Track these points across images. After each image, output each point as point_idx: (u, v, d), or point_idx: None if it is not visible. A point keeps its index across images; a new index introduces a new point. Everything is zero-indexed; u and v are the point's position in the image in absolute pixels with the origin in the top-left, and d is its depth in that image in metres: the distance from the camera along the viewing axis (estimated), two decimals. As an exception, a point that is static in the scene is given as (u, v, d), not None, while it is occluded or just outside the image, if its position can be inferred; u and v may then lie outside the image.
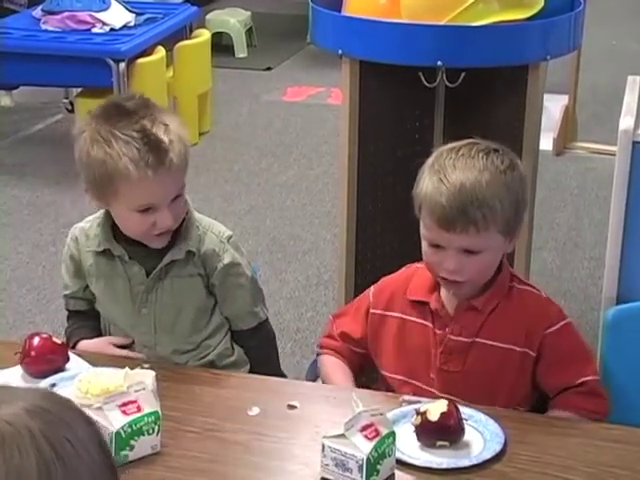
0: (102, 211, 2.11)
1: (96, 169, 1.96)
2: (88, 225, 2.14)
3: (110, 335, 2.18)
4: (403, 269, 2.08)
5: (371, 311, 2.05)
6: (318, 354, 2.15)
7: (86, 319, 2.21)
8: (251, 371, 2.19)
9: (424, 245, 1.93)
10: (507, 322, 1.93)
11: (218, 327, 2.16)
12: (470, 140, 1.95)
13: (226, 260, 2.10)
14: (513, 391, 1.93)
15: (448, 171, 1.87)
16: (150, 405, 1.71)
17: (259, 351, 2.23)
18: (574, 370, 1.93)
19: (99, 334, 2.19)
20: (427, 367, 1.96)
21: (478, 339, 1.93)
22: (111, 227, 2.09)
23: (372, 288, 2.09)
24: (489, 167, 1.87)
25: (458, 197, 1.83)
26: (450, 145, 1.94)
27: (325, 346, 2.13)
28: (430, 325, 1.96)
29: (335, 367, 2.08)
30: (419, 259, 1.96)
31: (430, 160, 1.93)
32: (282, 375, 2.23)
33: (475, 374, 1.94)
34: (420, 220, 1.92)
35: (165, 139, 1.94)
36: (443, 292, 1.97)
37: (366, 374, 2.14)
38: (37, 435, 0.94)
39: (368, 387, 2.08)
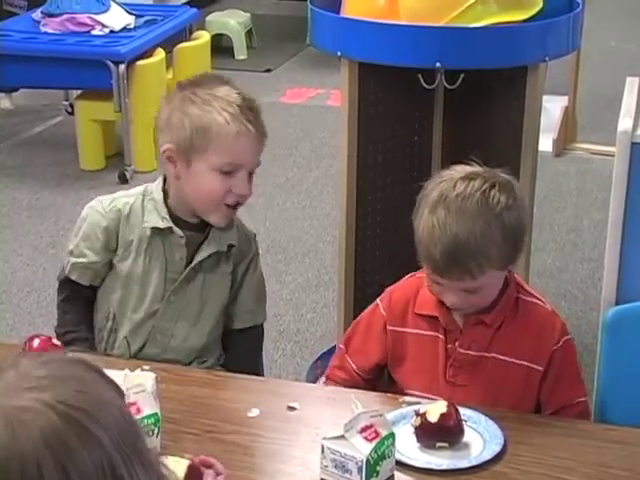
0: (142, 189, 2.09)
1: (189, 122, 1.98)
2: (132, 200, 2.09)
3: (112, 322, 2.15)
4: (406, 279, 2.05)
5: (389, 328, 2.00)
6: (324, 383, 2.12)
7: (80, 309, 2.20)
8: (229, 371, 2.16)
9: (426, 272, 1.92)
10: (515, 337, 1.93)
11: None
12: (468, 170, 1.90)
13: (248, 258, 2.16)
14: (516, 407, 1.91)
15: (442, 215, 1.82)
16: (150, 407, 1.71)
17: (245, 354, 2.22)
18: (575, 389, 1.94)
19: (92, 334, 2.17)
20: (441, 379, 1.95)
21: (487, 353, 1.93)
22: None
23: (380, 303, 2.03)
24: (484, 212, 1.82)
25: (452, 250, 1.81)
26: (448, 173, 1.90)
27: (332, 378, 2.08)
28: (442, 337, 1.95)
29: None
30: (418, 261, 1.95)
31: (428, 189, 1.89)
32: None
33: (481, 389, 1.93)
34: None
35: (259, 108, 2.03)
36: None
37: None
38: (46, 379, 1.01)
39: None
